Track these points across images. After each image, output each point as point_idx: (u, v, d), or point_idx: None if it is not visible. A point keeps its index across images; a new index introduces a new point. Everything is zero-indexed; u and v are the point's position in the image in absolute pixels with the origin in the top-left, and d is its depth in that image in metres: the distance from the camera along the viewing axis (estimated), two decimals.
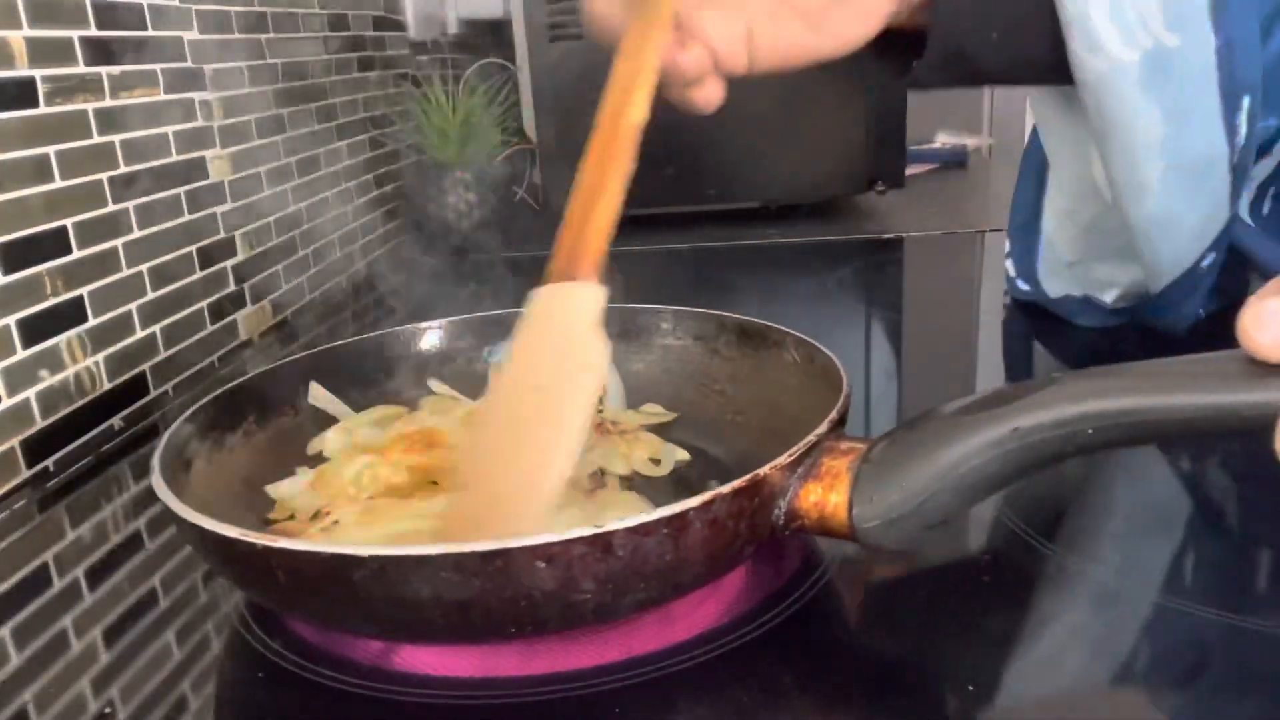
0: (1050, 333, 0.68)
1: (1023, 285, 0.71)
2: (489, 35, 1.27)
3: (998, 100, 1.60)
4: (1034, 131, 0.69)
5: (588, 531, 0.31)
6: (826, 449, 0.36)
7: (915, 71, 0.52)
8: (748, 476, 0.33)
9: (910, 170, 1.16)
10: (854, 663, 0.35)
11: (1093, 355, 0.65)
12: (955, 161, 1.42)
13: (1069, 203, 0.65)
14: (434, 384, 0.54)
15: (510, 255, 1.02)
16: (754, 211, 1.09)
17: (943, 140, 1.47)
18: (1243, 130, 0.52)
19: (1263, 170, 0.57)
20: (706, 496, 0.32)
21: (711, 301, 0.55)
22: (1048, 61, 0.51)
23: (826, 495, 0.35)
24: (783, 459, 0.35)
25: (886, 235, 1.01)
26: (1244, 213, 0.58)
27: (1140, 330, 0.64)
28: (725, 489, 0.33)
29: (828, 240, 1.01)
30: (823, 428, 0.37)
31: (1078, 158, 0.61)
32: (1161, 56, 0.50)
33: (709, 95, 0.47)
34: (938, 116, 1.51)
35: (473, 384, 0.55)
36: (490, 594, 0.31)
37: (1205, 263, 0.56)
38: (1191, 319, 0.59)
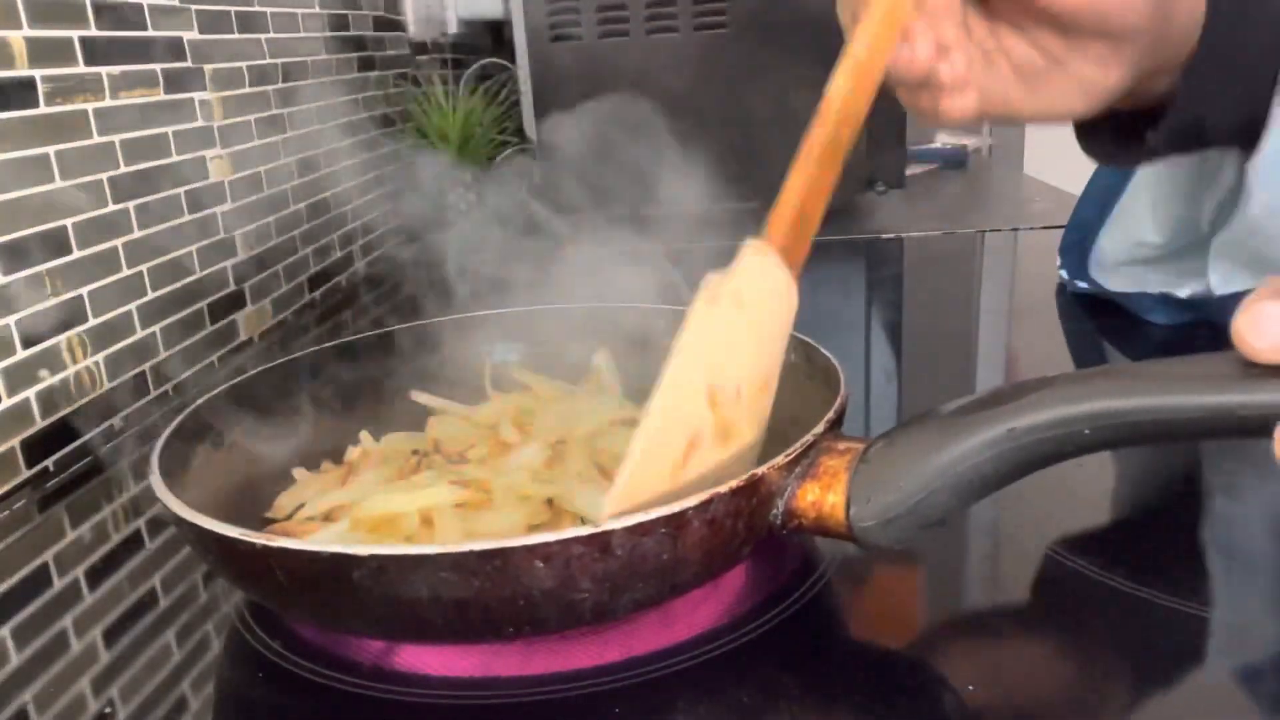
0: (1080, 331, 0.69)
1: (1082, 284, 0.73)
2: (489, 35, 1.27)
3: None
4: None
5: (585, 531, 0.31)
6: (824, 449, 0.36)
7: (1149, 143, 0.47)
8: (745, 476, 0.33)
9: (910, 170, 1.16)
10: (854, 663, 0.35)
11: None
12: (955, 161, 1.42)
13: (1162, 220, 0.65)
14: (416, 395, 0.53)
15: (509, 255, 1.01)
16: (756, 211, 1.09)
17: (943, 140, 1.47)
18: None
19: None
20: (705, 495, 0.32)
21: None
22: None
23: (824, 495, 0.35)
24: (780, 459, 0.35)
25: (886, 235, 1.01)
26: None
27: (1209, 326, 0.64)
28: (723, 488, 0.33)
29: (828, 240, 1.01)
30: (820, 428, 0.37)
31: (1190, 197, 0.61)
32: None
33: (962, 104, 0.44)
34: None
35: (472, 383, 0.55)
36: (489, 593, 0.31)
37: None
38: None
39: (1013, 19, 0.44)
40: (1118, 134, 0.49)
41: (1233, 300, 0.60)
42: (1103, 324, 0.70)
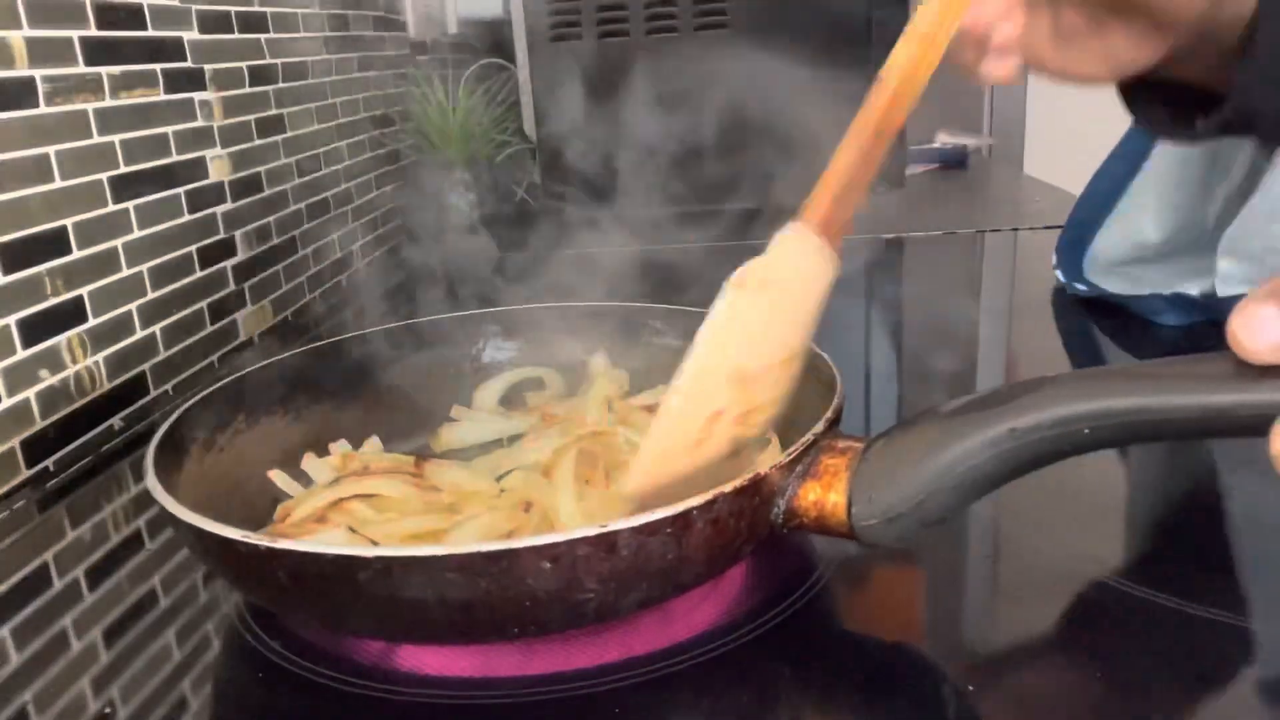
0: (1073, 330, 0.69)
1: (1080, 287, 0.73)
2: (489, 35, 1.27)
3: (998, 100, 1.60)
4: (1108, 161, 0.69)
5: (592, 531, 0.31)
6: (825, 448, 0.37)
7: (1198, 129, 0.47)
8: (749, 475, 0.34)
9: (910, 170, 1.16)
10: (853, 663, 0.35)
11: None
12: (955, 161, 1.42)
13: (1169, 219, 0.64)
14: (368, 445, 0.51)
15: (508, 254, 1.02)
16: (754, 211, 1.09)
17: (943, 140, 1.47)
18: None
19: None
20: (709, 495, 0.32)
21: (710, 302, 0.55)
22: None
23: (825, 494, 0.35)
24: (781, 458, 0.35)
25: (886, 235, 1.01)
26: None
27: (1215, 326, 0.63)
28: (726, 487, 0.33)
29: None
30: (819, 427, 0.37)
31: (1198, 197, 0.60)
32: None
33: (1007, 69, 0.43)
34: (938, 116, 1.51)
35: (470, 382, 0.55)
36: (495, 594, 0.31)
37: None
38: None
39: None
40: (1169, 107, 0.48)
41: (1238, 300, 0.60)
42: (1102, 324, 0.70)
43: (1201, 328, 0.65)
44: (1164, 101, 0.48)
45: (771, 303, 0.37)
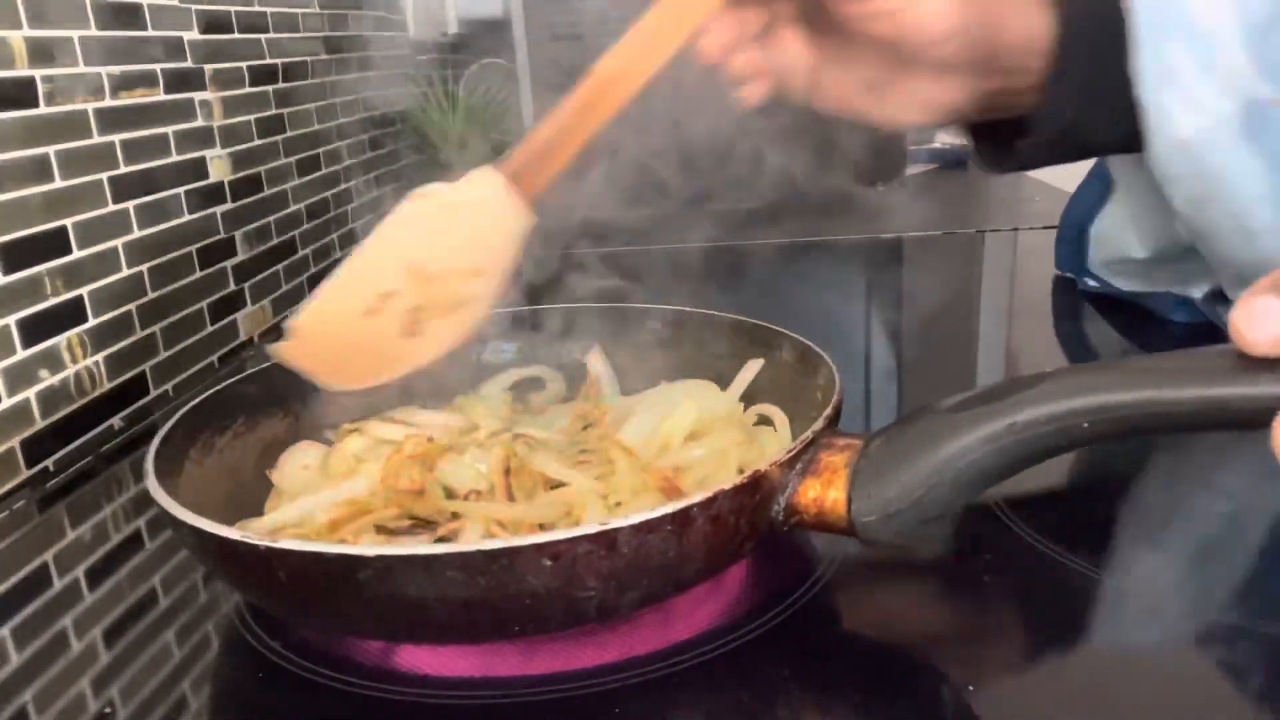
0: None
1: (1091, 283, 0.73)
2: (489, 35, 1.27)
3: None
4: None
5: (592, 529, 0.31)
6: (825, 445, 0.37)
7: (1021, 153, 0.50)
8: (749, 473, 0.34)
9: (910, 170, 1.16)
10: (854, 663, 0.35)
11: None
12: (955, 161, 1.42)
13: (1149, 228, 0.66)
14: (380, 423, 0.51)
15: None
16: (754, 211, 1.09)
17: (943, 140, 1.47)
18: None
19: None
20: (709, 492, 0.32)
21: (710, 301, 0.55)
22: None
23: (825, 491, 0.35)
24: (781, 455, 0.35)
25: (886, 235, 1.01)
26: None
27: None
28: (727, 485, 0.33)
29: (828, 240, 1.01)
30: (819, 424, 0.37)
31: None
32: (1258, 107, 0.48)
33: (751, 93, 0.48)
34: None
35: (470, 382, 0.55)
36: (495, 592, 0.31)
37: None
38: None
39: (843, 40, 0.47)
40: (999, 141, 0.51)
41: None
42: (1102, 324, 0.70)
43: (1209, 326, 0.65)
44: (993, 135, 0.51)
45: (449, 217, 0.43)
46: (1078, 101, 0.48)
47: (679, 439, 0.45)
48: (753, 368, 0.49)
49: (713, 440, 0.44)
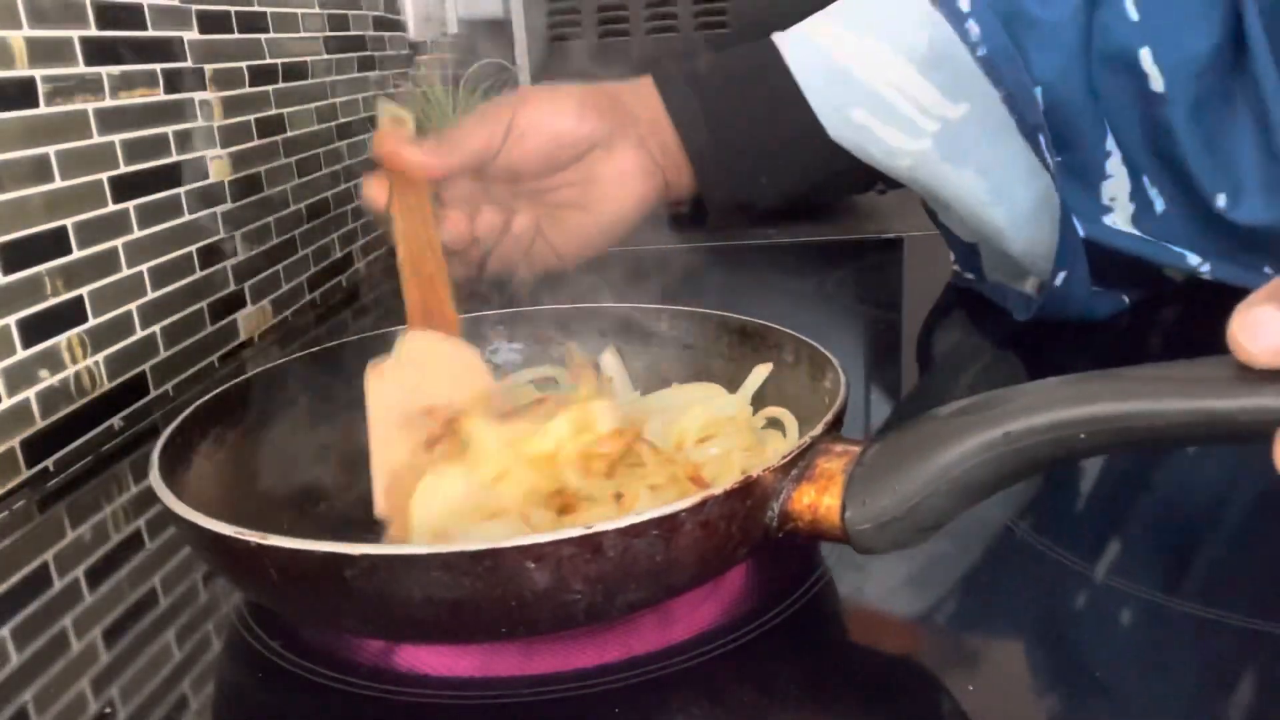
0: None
1: (968, 275, 0.76)
2: (489, 35, 1.27)
3: None
4: None
5: (576, 532, 0.31)
6: (821, 451, 0.36)
7: (711, 221, 0.66)
8: (741, 478, 0.33)
9: None
10: (854, 663, 0.35)
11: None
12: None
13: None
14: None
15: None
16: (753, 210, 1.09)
17: None
18: (1049, 161, 0.57)
19: (1116, 189, 0.62)
20: (698, 498, 0.32)
21: (711, 301, 0.55)
22: (838, 180, 0.63)
23: (820, 498, 0.35)
24: (777, 461, 0.35)
25: (886, 235, 1.01)
26: (1126, 226, 0.63)
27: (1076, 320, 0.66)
28: (718, 490, 0.32)
29: (828, 240, 1.01)
30: (818, 430, 0.37)
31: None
32: (952, 128, 0.59)
33: (489, 268, 0.58)
34: None
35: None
36: (481, 594, 0.31)
37: (1058, 280, 0.61)
38: (1099, 315, 0.65)
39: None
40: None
41: (1058, 291, 0.63)
42: (1102, 323, 0.70)
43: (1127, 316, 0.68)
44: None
45: (409, 376, 0.46)
46: (732, 179, 0.64)
47: (691, 441, 0.45)
48: (761, 372, 0.49)
49: (720, 443, 0.44)
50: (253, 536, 0.32)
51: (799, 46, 0.62)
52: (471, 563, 0.30)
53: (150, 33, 0.67)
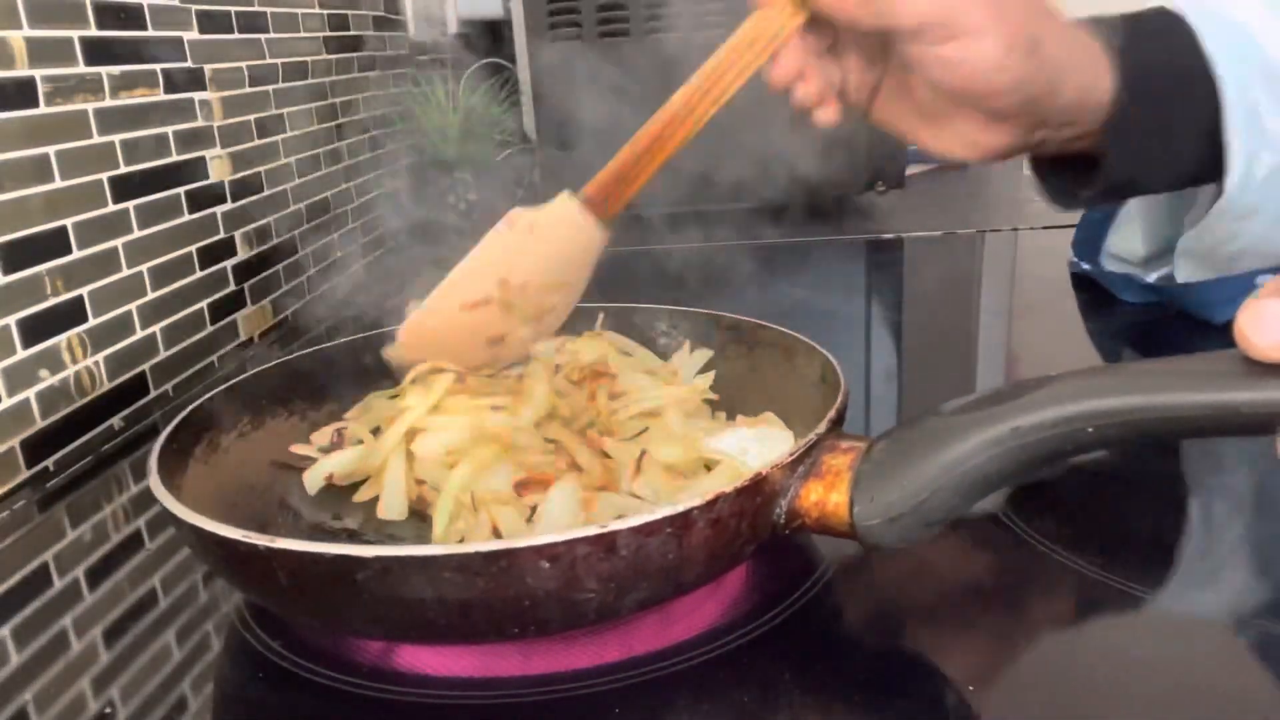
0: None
1: (1085, 265, 0.76)
2: (489, 35, 1.27)
3: None
4: None
5: (591, 531, 0.31)
6: (827, 448, 0.36)
7: (1080, 197, 0.53)
8: (750, 475, 0.33)
9: (910, 170, 1.16)
10: (854, 663, 0.35)
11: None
12: (955, 161, 1.42)
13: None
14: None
15: None
16: (754, 211, 1.09)
17: None
18: None
19: None
20: (710, 495, 0.32)
21: (711, 302, 0.55)
22: (1203, 170, 0.52)
23: (827, 494, 0.35)
24: (784, 458, 0.35)
25: (886, 235, 1.01)
26: None
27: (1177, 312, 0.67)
28: (728, 487, 0.33)
29: (828, 240, 1.01)
30: (821, 427, 0.37)
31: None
32: None
33: (824, 116, 0.50)
34: None
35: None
36: (493, 593, 0.31)
37: (1259, 279, 0.58)
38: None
39: (904, 72, 0.49)
40: (1060, 181, 0.53)
41: (1194, 288, 0.62)
42: (1102, 325, 0.70)
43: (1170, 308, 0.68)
44: (1067, 168, 0.52)
45: (535, 238, 0.49)
46: (1138, 155, 0.50)
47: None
48: (700, 356, 0.53)
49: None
50: (262, 540, 0.32)
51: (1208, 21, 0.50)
52: (485, 563, 0.30)
53: (150, 33, 0.67)
